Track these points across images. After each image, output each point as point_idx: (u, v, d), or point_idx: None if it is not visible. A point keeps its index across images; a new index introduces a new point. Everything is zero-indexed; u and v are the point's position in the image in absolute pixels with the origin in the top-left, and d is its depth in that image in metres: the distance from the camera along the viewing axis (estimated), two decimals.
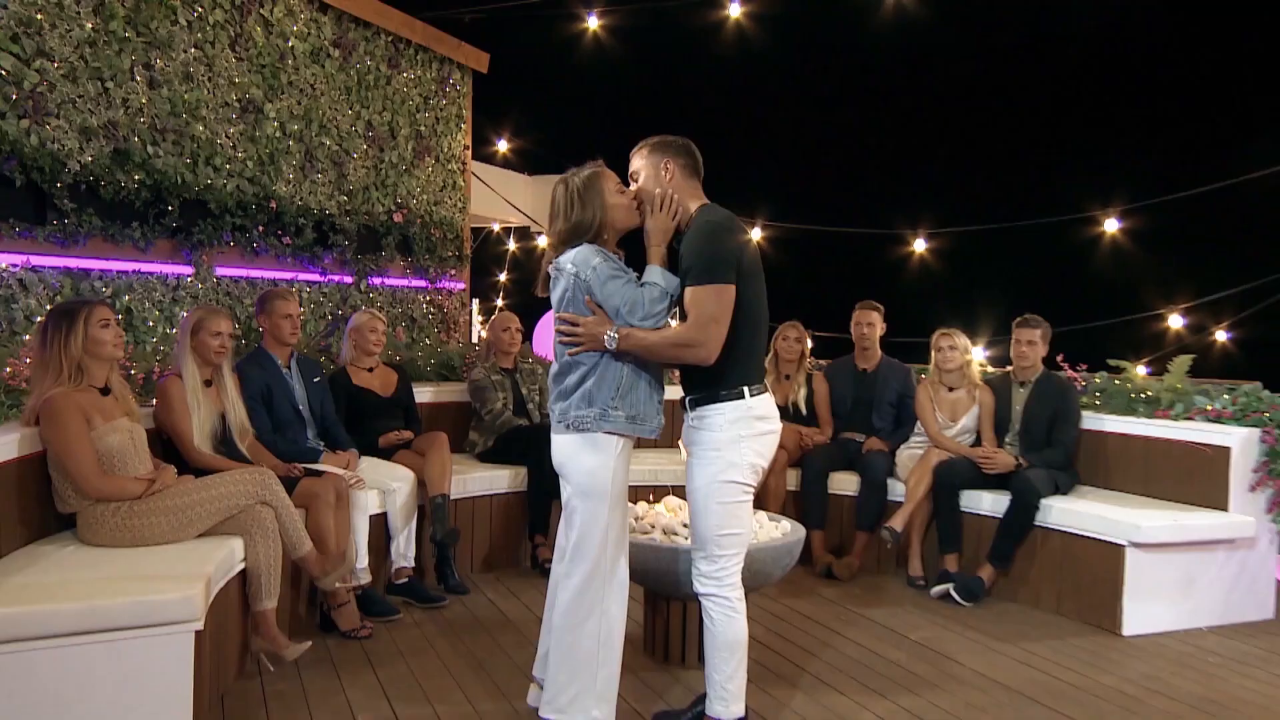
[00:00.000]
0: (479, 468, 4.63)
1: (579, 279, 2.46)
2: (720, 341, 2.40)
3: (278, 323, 4.00)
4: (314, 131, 5.76)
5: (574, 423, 2.47)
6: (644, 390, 2.50)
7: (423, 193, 6.72)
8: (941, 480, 4.28)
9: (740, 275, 2.44)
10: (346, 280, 6.04)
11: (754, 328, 2.50)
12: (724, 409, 2.48)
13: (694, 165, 2.58)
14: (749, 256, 2.48)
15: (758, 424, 2.49)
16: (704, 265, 2.41)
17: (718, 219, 2.50)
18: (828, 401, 4.93)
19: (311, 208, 5.70)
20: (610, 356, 2.46)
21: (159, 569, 2.78)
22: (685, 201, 2.57)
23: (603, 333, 2.42)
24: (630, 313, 2.42)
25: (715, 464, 2.48)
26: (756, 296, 2.50)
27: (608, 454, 2.46)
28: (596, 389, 2.46)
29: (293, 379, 4.04)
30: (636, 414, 2.49)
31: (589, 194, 2.53)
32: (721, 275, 2.40)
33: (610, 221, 2.53)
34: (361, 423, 4.33)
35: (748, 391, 2.48)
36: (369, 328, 4.47)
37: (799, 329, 4.94)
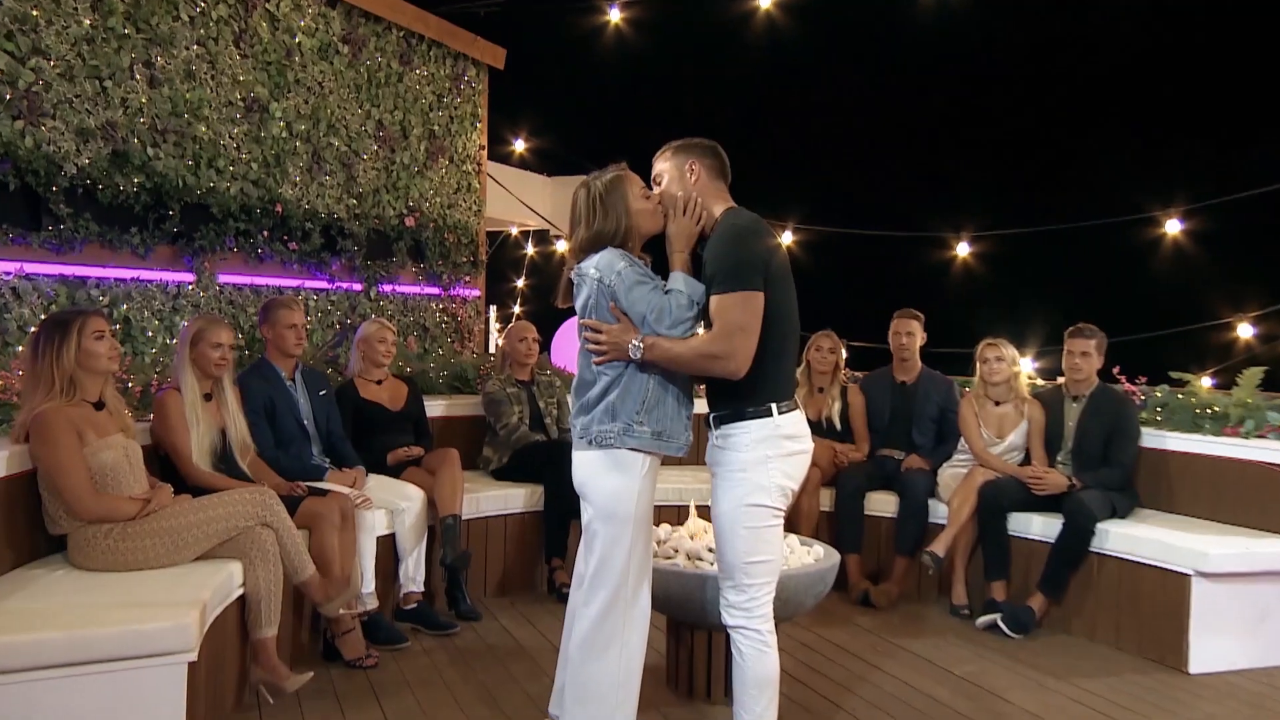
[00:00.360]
0: (493, 486, 4.61)
1: (603, 285, 2.46)
2: (749, 353, 2.37)
3: (281, 333, 4.02)
4: (322, 132, 5.74)
5: (596, 438, 2.45)
6: (671, 404, 2.48)
7: (436, 195, 6.68)
8: (987, 502, 4.23)
9: (768, 282, 2.41)
10: (355, 288, 6.00)
11: (783, 339, 2.47)
12: (750, 427, 2.45)
13: (720, 167, 2.58)
14: (777, 261, 2.46)
15: (787, 444, 2.46)
16: (729, 271, 2.39)
17: (743, 222, 2.49)
18: (864, 416, 4.90)
19: (319, 211, 5.67)
20: (635, 368, 2.44)
21: (152, 595, 2.76)
22: (710, 205, 2.56)
23: (628, 341, 2.41)
24: (657, 320, 2.41)
25: (741, 486, 2.45)
26: (786, 305, 2.47)
27: (632, 474, 2.44)
28: (620, 402, 2.44)
29: (297, 392, 4.05)
30: (663, 430, 2.47)
31: (612, 199, 2.53)
32: (748, 281, 2.38)
33: (634, 227, 2.53)
34: (369, 438, 4.33)
35: (776, 409, 2.45)
36: (378, 338, 4.49)
37: (833, 339, 4.93)
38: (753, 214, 2.54)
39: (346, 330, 5.38)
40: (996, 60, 9.35)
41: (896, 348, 4.87)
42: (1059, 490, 4.18)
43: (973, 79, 9.55)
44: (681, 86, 10.52)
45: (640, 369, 2.45)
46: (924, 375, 4.87)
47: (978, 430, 4.45)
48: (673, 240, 2.54)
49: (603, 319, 2.47)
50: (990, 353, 4.45)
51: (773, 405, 2.44)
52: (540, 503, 4.56)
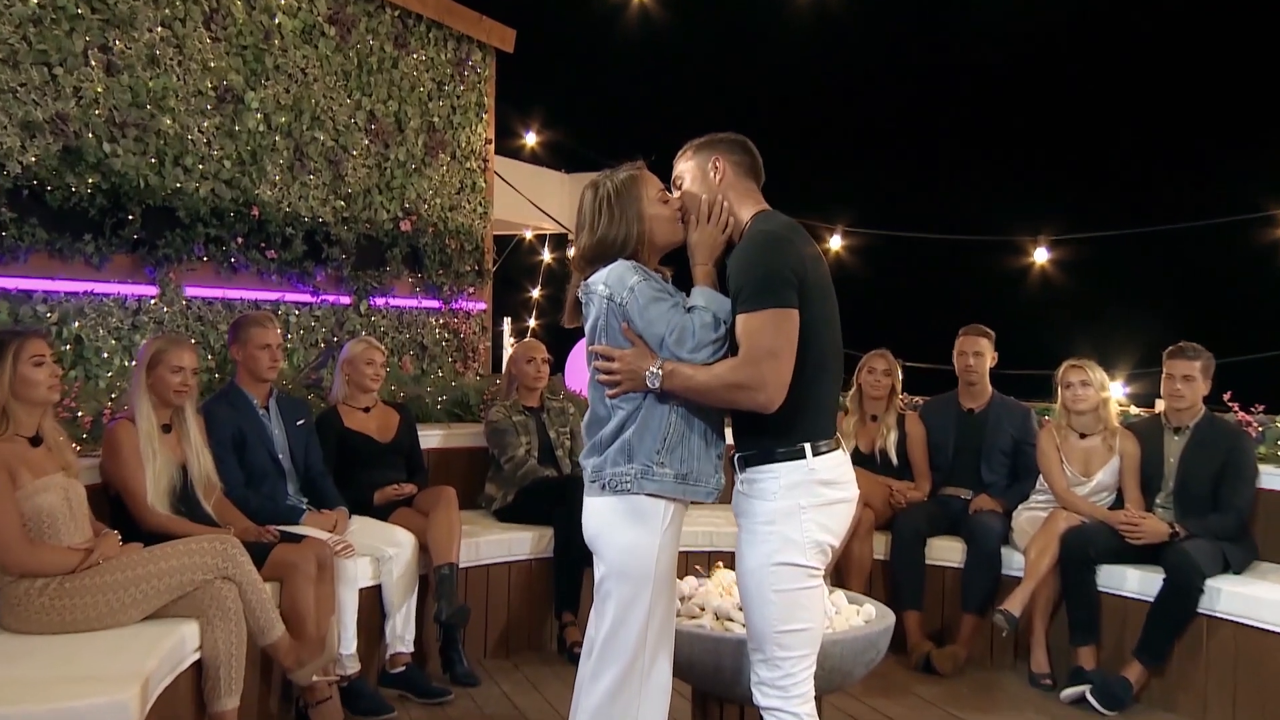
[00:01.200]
0: (496, 528, 4.62)
1: (614, 303, 2.42)
2: (782, 382, 2.31)
3: (254, 354, 4.02)
4: (305, 125, 5.71)
5: (610, 482, 2.42)
6: (697, 442, 2.44)
7: (436, 196, 6.66)
8: (1072, 551, 4.18)
9: (804, 297, 2.35)
10: (343, 301, 5.96)
11: (821, 365, 2.40)
12: (779, 471, 2.39)
13: (750, 164, 2.56)
14: (816, 273, 2.40)
15: (824, 491, 2.39)
16: (757, 285, 2.33)
17: (773, 227, 2.44)
18: (925, 449, 4.90)
19: (302, 215, 5.65)
20: (654, 399, 2.41)
21: (90, 665, 2.70)
22: (738, 208, 2.53)
23: (644, 369, 2.37)
24: (678, 343, 2.37)
25: (769, 542, 2.38)
26: (825, 325, 2.41)
27: (652, 525, 2.40)
28: (638, 440, 2.40)
29: (271, 422, 4.06)
30: (689, 471, 2.42)
31: (623, 202, 2.49)
32: (779, 297, 2.32)
33: (649, 236, 2.49)
34: (354, 474, 4.34)
35: (810, 449, 2.38)
36: (365, 359, 4.50)
37: (888, 359, 4.94)
38: (787, 218, 2.49)
39: (332, 350, 5.34)
40: (1082, 41, 9.23)
41: (963, 370, 4.86)
42: (1158, 539, 4.11)
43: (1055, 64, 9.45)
44: (716, 72, 10.53)
45: (660, 400, 2.40)
46: (995, 402, 4.85)
47: (1060, 467, 4.40)
48: (695, 250, 2.50)
49: (614, 343, 2.43)
50: (1074, 376, 4.40)
51: (806, 445, 2.38)
52: (550, 548, 4.53)
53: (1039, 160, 9.66)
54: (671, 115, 9.51)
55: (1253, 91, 8.86)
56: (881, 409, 4.91)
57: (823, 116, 10.18)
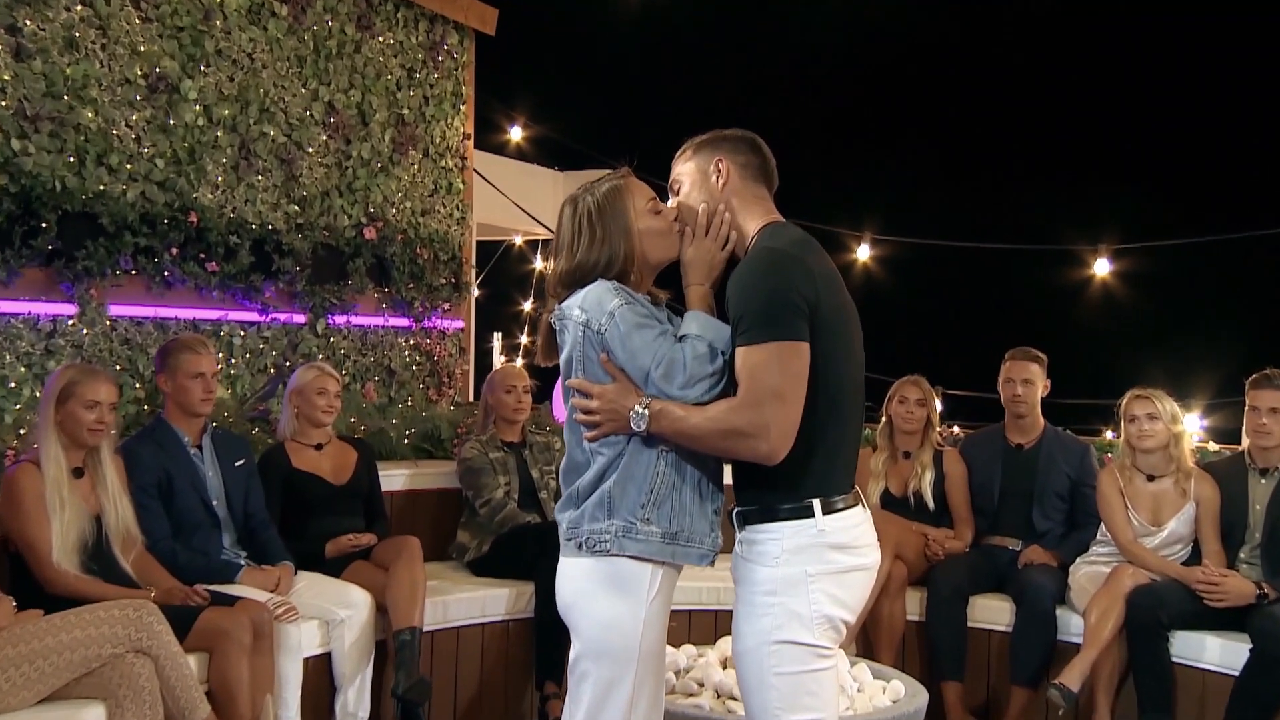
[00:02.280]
0: (468, 583, 4.60)
1: (590, 330, 2.41)
2: (787, 428, 2.28)
3: (184, 384, 4.01)
4: (252, 118, 5.64)
5: (587, 541, 2.41)
6: (690, 495, 2.43)
7: (405, 199, 6.61)
8: (1140, 614, 4.12)
9: (816, 327, 2.32)
10: (297, 319, 5.89)
11: (835, 407, 2.37)
12: (782, 532, 2.35)
13: (760, 167, 2.54)
14: (831, 298, 2.37)
15: (836, 557, 2.35)
16: (760, 314, 2.30)
17: (780, 244, 2.40)
18: (966, 491, 4.87)
19: (248, 221, 5.58)
20: (640, 443, 2.40)
21: None
22: (742, 218, 2.50)
23: (628, 408, 2.35)
24: (666, 378, 2.35)
25: (770, 615, 2.34)
26: (842, 359, 2.39)
27: (635, 595, 2.39)
28: (620, 491, 2.40)
29: (204, 463, 4.06)
30: (679, 530, 2.41)
31: (606, 218, 2.48)
32: (786, 328, 2.29)
33: (640, 254, 2.49)
34: (303, 522, 4.35)
35: (820, 507, 2.34)
36: (315, 388, 4.50)
37: (922, 387, 4.92)
38: (799, 232, 2.46)
39: (282, 376, 5.30)
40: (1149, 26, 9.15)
41: (1010, 399, 4.83)
42: (1243, 601, 4.03)
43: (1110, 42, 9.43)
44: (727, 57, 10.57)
45: (646, 445, 2.39)
46: (1048, 437, 4.82)
47: (1125, 514, 4.36)
48: (689, 268, 2.48)
49: (593, 377, 2.42)
50: (1140, 408, 4.35)
51: (815, 502, 2.34)
52: (530, 607, 4.51)
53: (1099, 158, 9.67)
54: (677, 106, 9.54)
55: None
56: (915, 444, 4.88)
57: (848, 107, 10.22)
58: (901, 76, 10.10)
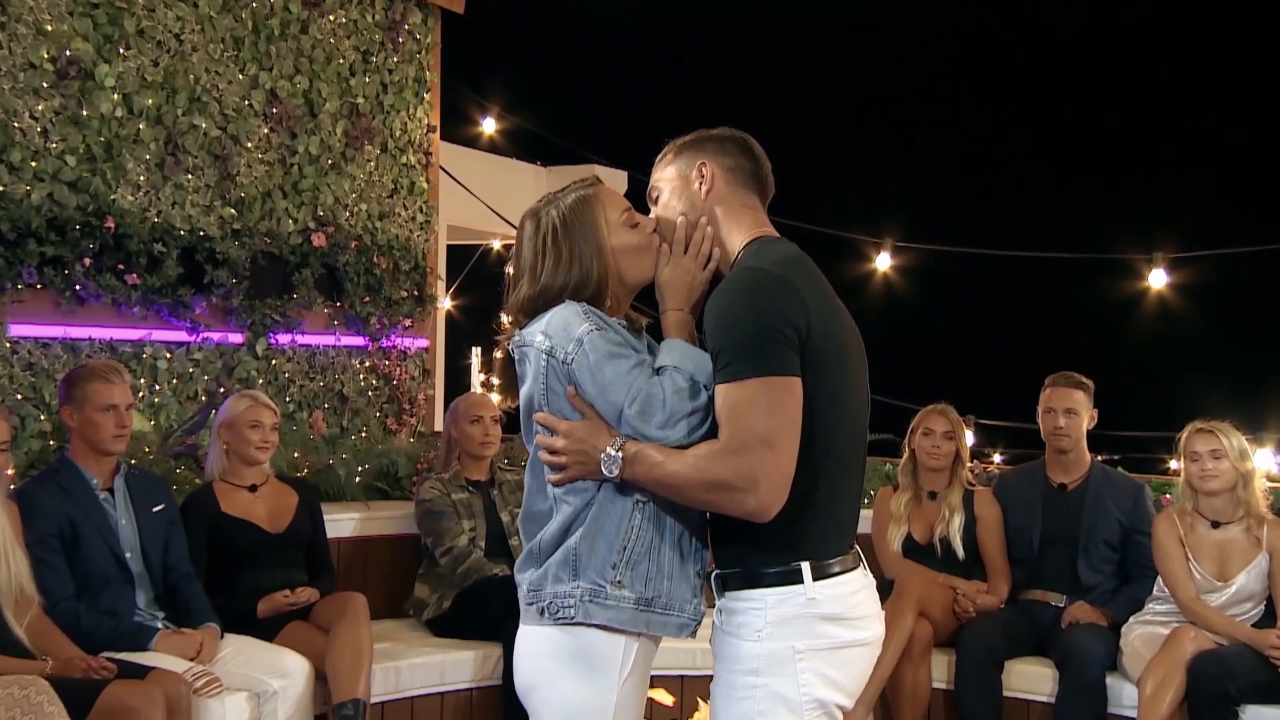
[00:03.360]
0: (426, 645, 4.58)
1: (554, 359, 2.40)
2: (780, 479, 2.25)
3: (92, 419, 3.98)
4: (180, 108, 5.57)
5: (550, 606, 2.39)
6: (669, 554, 2.41)
7: (360, 201, 6.55)
8: (1204, 684, 4.04)
9: (808, 360, 2.30)
10: (233, 339, 5.85)
11: (828, 454, 2.35)
12: (764, 601, 2.34)
13: (751, 171, 2.54)
14: (826, 326, 2.35)
15: (830, 630, 2.33)
16: (742, 346, 2.28)
17: (767, 263, 2.38)
18: (1002, 538, 4.85)
19: (176, 227, 5.50)
20: (613, 490, 2.38)
21: None
22: (727, 231, 2.50)
23: (599, 449, 2.34)
24: (642, 416, 2.33)
25: (750, 699, 2.33)
26: (839, 397, 2.37)
27: (605, 675, 2.38)
28: (587, 548, 2.38)
29: (116, 509, 4.03)
30: (656, 595, 2.39)
31: (574, 235, 2.47)
32: (773, 361, 2.26)
33: (615, 275, 2.49)
34: (233, 576, 4.33)
35: (809, 571, 2.32)
36: (247, 420, 4.49)
37: (950, 417, 4.89)
38: (791, 249, 2.46)
39: (215, 404, 5.21)
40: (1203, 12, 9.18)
41: (1051, 432, 4.79)
42: None
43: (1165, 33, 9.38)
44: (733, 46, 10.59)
45: (620, 492, 2.37)
46: (1095, 475, 4.80)
47: (1185, 566, 4.32)
48: (666, 290, 2.47)
49: (559, 413, 2.41)
50: (1202, 444, 4.30)
51: (804, 566, 2.32)
52: (497, 672, 4.46)
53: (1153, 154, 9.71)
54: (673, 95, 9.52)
55: None
56: (942, 483, 4.85)
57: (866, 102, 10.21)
58: (924, 65, 10.14)
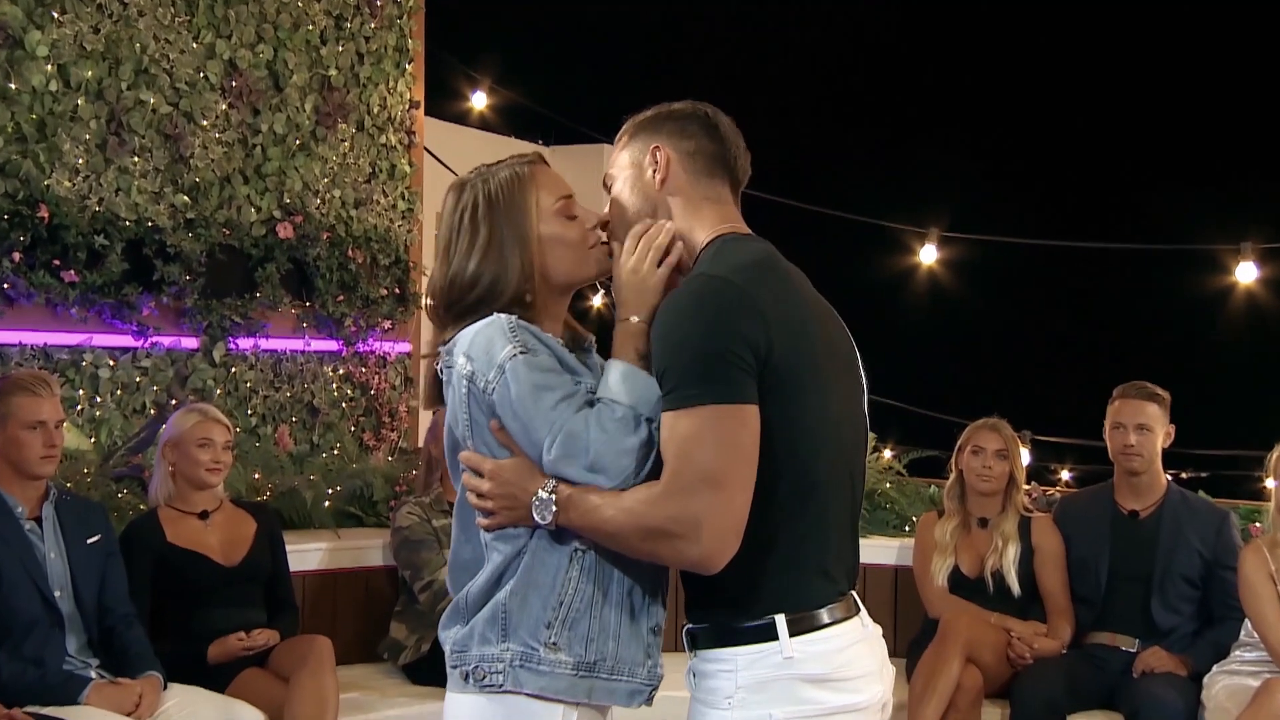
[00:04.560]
0: (402, 693, 4.60)
1: (475, 387, 2.36)
2: (727, 525, 2.22)
3: (16, 437, 3.97)
4: (124, 81, 5.54)
5: (475, 671, 2.37)
6: (612, 610, 2.39)
7: (334, 186, 6.52)
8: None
9: (772, 384, 2.25)
10: (187, 344, 5.84)
11: (801, 487, 2.32)
12: (736, 661, 2.31)
13: (715, 155, 2.50)
14: (792, 342, 2.30)
15: (813, 695, 2.30)
16: (687, 368, 2.24)
17: (724, 268, 2.33)
18: (1063, 572, 4.80)
19: (120, 217, 5.47)
20: (547, 538, 2.35)
21: None
22: (688, 227, 2.46)
23: (529, 492, 2.30)
24: (564, 459, 2.30)
25: None
26: (812, 423, 2.32)
27: None
28: (518, 603, 2.35)
29: (44, 540, 4.02)
30: (599, 659, 2.37)
31: (497, 215, 2.44)
32: (722, 387, 2.21)
33: (540, 270, 2.45)
34: (180, 616, 4.33)
35: (784, 625, 2.29)
36: (196, 438, 4.43)
37: (1003, 433, 4.86)
38: (758, 247, 2.42)
39: (165, 418, 5.12)
40: None
41: (1120, 450, 4.76)
42: None
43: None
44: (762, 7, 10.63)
45: (556, 540, 2.34)
46: (1172, 501, 4.77)
47: (1277, 607, 4.25)
48: (617, 297, 2.41)
49: (485, 446, 2.37)
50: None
51: (778, 619, 2.28)
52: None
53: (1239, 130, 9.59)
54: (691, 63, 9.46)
55: None
56: (994, 509, 4.82)
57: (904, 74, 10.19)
58: (973, 32, 10.08)
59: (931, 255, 7.76)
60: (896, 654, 4.99)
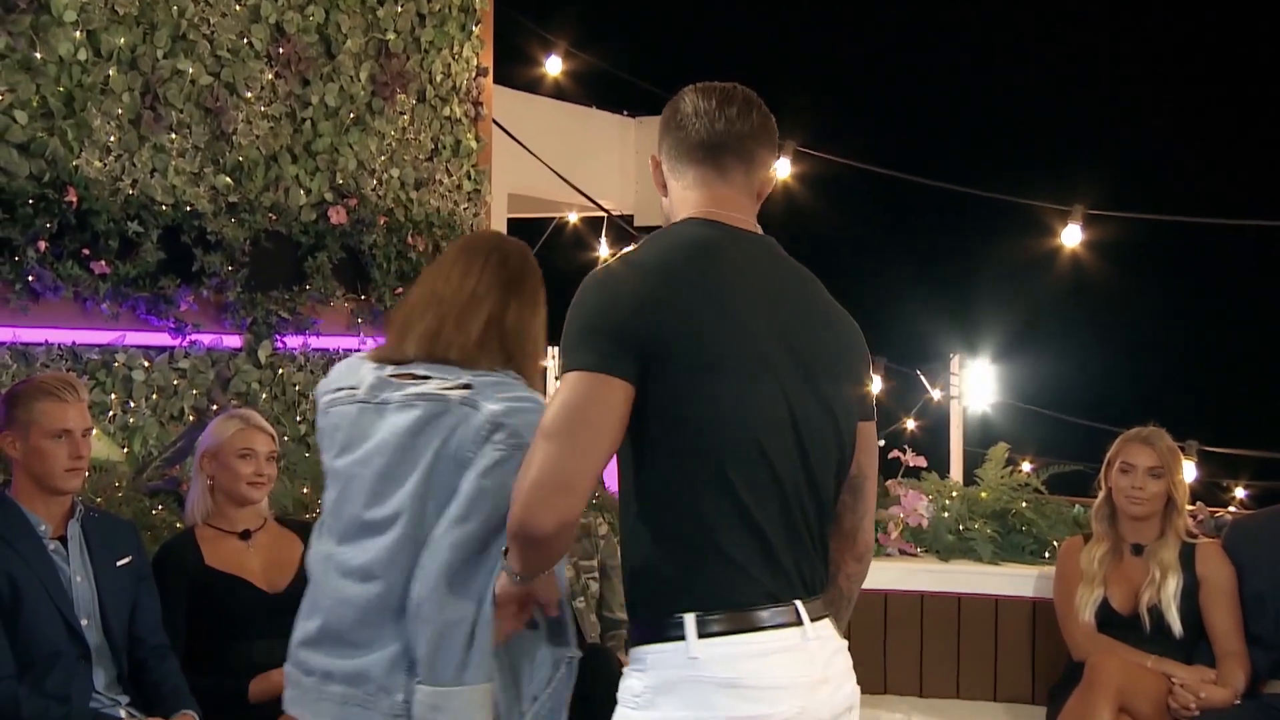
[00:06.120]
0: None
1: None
2: (549, 479, 2.44)
3: (40, 448, 3.99)
4: (160, 49, 5.62)
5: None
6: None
7: (391, 165, 6.61)
8: None
9: (660, 371, 2.45)
10: (229, 342, 5.92)
11: (710, 481, 2.48)
12: (645, 658, 2.50)
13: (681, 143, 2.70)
14: (692, 328, 2.49)
15: (719, 701, 2.42)
16: (565, 342, 2.52)
17: (640, 255, 2.60)
18: (1236, 609, 4.71)
19: (155, 201, 5.53)
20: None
21: None
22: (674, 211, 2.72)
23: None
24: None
25: None
26: (725, 414, 2.48)
27: None
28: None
29: (70, 563, 4.04)
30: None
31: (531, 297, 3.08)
32: (588, 357, 2.46)
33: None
34: (219, 648, 4.34)
35: (692, 625, 2.43)
36: (237, 449, 4.45)
37: (1157, 446, 4.79)
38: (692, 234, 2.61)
39: (200, 428, 5.15)
40: None
41: None
42: None
43: None
44: None
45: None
46: None
47: None
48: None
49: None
50: None
51: (687, 619, 2.43)
52: None
53: None
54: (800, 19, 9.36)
55: None
56: (1151, 534, 4.75)
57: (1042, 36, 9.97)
58: None
59: (1075, 237, 7.70)
60: (1035, 700, 4.95)
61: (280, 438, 4.69)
